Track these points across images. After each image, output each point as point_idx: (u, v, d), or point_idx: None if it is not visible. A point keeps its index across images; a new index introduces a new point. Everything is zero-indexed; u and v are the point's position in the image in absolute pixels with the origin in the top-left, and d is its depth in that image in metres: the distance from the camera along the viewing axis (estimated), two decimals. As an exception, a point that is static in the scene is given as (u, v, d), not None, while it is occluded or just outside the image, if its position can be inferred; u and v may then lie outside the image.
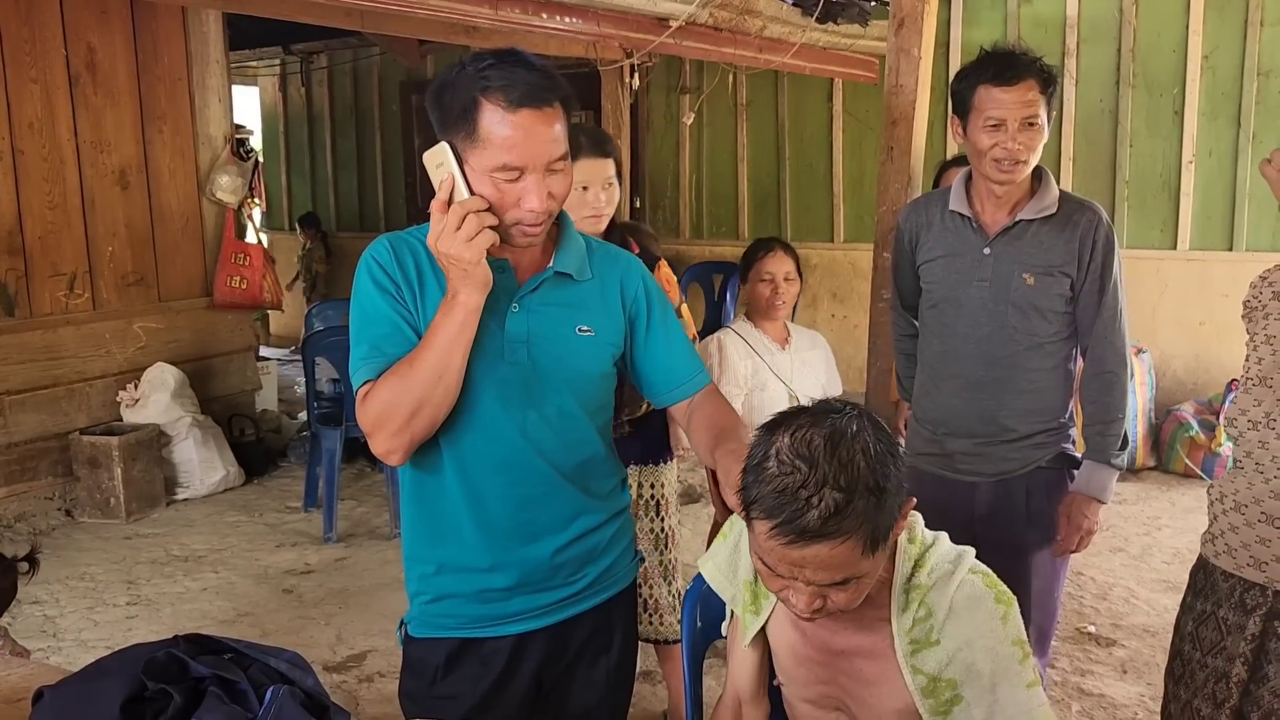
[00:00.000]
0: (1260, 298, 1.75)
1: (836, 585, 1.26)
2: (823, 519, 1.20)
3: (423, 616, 1.66)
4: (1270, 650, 1.70)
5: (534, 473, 1.60)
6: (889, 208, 3.17)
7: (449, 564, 1.63)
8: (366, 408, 1.50)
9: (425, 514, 1.63)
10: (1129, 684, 3.16)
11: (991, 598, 1.39)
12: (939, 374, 2.36)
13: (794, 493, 1.21)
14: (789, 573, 1.26)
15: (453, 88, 1.46)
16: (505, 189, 1.45)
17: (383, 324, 1.53)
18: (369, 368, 1.51)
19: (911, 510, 1.38)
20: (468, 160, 1.45)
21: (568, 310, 1.61)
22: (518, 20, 3.78)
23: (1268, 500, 1.69)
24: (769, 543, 1.24)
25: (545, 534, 1.63)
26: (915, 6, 3.15)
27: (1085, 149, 5.86)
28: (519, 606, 1.63)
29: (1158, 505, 4.86)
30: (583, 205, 2.48)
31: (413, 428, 1.49)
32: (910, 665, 1.38)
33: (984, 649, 1.36)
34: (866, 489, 1.22)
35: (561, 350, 1.59)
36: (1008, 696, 1.35)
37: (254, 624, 3.68)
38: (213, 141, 5.72)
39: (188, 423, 5.15)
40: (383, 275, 1.54)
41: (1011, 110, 2.12)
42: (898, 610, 1.40)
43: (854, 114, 6.71)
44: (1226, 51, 5.44)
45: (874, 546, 1.25)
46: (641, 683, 3.23)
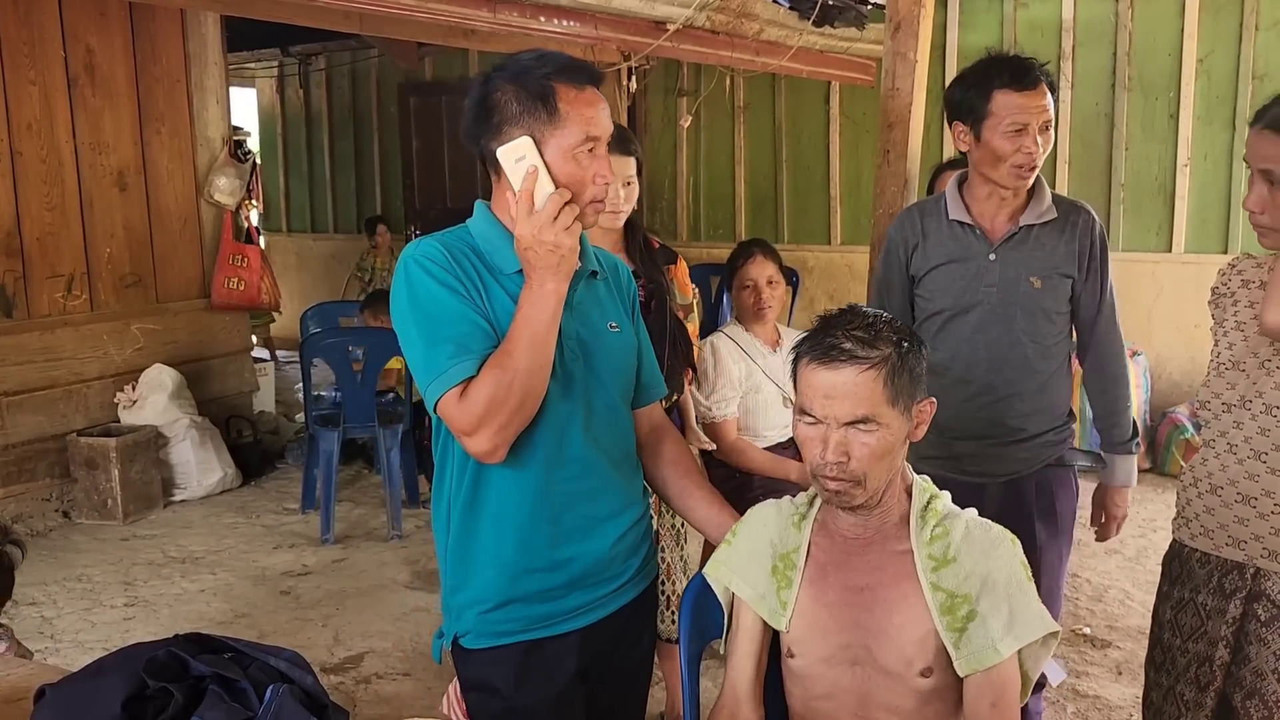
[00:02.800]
0: (1229, 285, 1.79)
1: (860, 427, 1.45)
2: (853, 343, 1.46)
3: (482, 626, 1.63)
4: (1250, 631, 1.73)
5: (594, 466, 1.65)
6: (885, 210, 3.18)
7: (519, 565, 1.61)
8: (468, 406, 1.49)
9: (491, 517, 1.61)
10: (1124, 685, 3.17)
11: (999, 528, 1.56)
12: (946, 380, 2.36)
13: (833, 324, 1.51)
14: (823, 411, 1.46)
15: (511, 84, 1.53)
16: (585, 165, 1.53)
17: (462, 323, 1.52)
18: (464, 365, 1.50)
19: (931, 409, 1.55)
20: (548, 144, 1.51)
21: (599, 308, 1.69)
22: (516, 23, 3.79)
23: (1243, 480, 1.73)
24: (808, 374, 1.48)
25: (603, 526, 1.67)
26: (911, 10, 3.16)
27: (1081, 152, 5.88)
28: (577, 601, 1.65)
29: (1153, 507, 4.88)
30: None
31: (517, 421, 1.51)
32: (930, 582, 1.50)
33: (1000, 564, 1.50)
34: (890, 340, 1.48)
35: (604, 346, 1.67)
36: (1021, 605, 1.48)
37: (251, 625, 3.68)
38: (211, 143, 5.73)
39: (185, 424, 5.15)
40: (446, 275, 1.54)
41: (1034, 115, 2.15)
42: (916, 529, 1.53)
43: (851, 117, 6.73)
44: (1222, 55, 5.46)
45: (895, 397, 1.46)
46: (638, 684, 3.23)
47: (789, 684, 1.63)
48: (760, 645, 1.62)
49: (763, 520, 1.67)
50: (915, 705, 1.51)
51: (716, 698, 1.67)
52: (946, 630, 1.48)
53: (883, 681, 1.52)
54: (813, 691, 1.58)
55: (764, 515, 1.68)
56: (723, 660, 1.67)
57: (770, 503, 1.70)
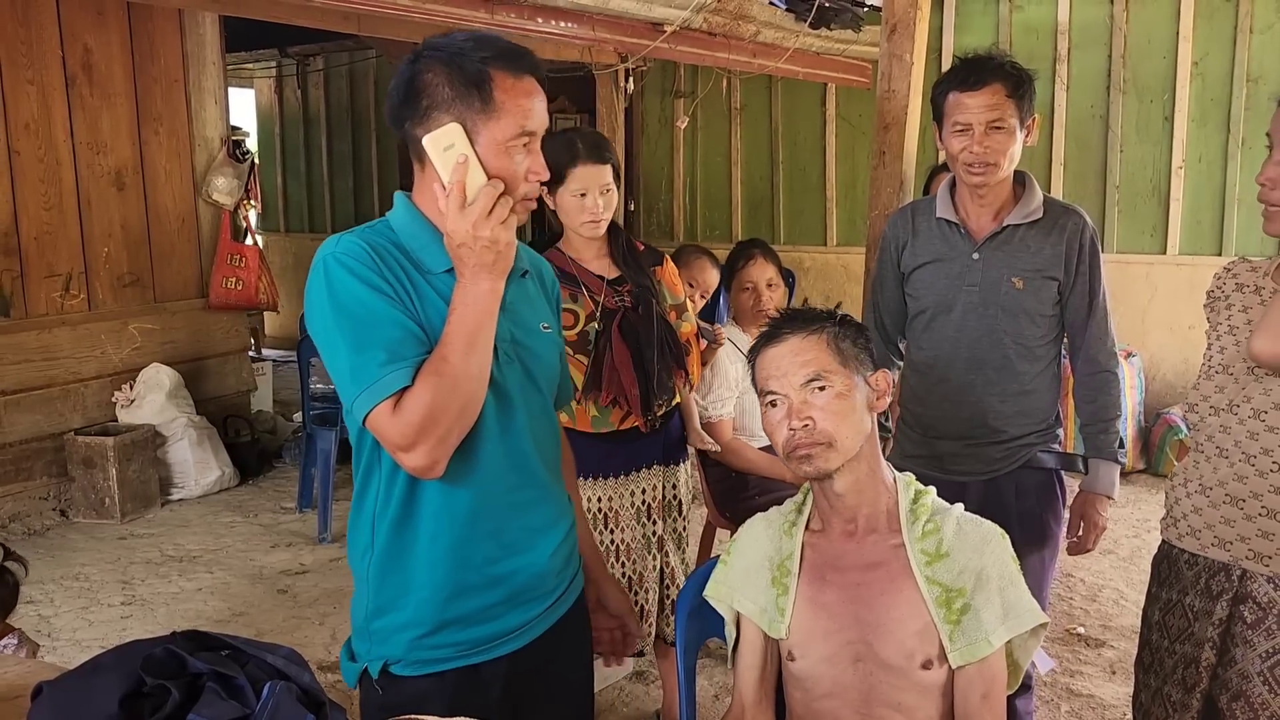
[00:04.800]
0: (1224, 288, 1.80)
1: (815, 387, 1.55)
2: (792, 318, 1.63)
3: (414, 653, 1.51)
4: (1236, 634, 1.74)
5: (534, 476, 1.58)
6: (881, 212, 3.19)
7: (457, 584, 1.50)
8: (404, 418, 1.37)
9: (426, 535, 1.49)
10: (1118, 685, 3.19)
11: (989, 524, 1.60)
12: (928, 379, 2.38)
13: (774, 321, 1.65)
14: (778, 383, 1.57)
15: (442, 68, 1.41)
16: (519, 160, 1.44)
17: (392, 327, 1.39)
18: (398, 374, 1.37)
19: (888, 383, 1.63)
20: (480, 134, 1.41)
21: (530, 307, 1.61)
22: (513, 24, 3.80)
23: (1231, 483, 1.74)
24: (761, 361, 1.61)
25: (543, 537, 1.59)
26: (908, 12, 3.17)
27: (1076, 154, 5.89)
28: (516, 621, 1.56)
29: (1147, 508, 4.89)
30: (580, 211, 2.50)
31: (457, 432, 1.41)
32: (925, 576, 1.53)
33: (992, 559, 1.54)
34: (825, 317, 1.63)
35: (536, 348, 1.58)
36: (1014, 597, 1.52)
37: (249, 624, 3.69)
38: (209, 143, 5.73)
39: (183, 423, 5.16)
40: (370, 274, 1.41)
41: (976, 114, 2.15)
42: (907, 523, 1.58)
43: (847, 118, 6.74)
44: (1216, 58, 5.47)
45: (843, 360, 1.57)
46: (635, 683, 3.25)
47: (790, 688, 1.64)
48: (764, 656, 1.64)
49: (753, 536, 1.69)
50: (917, 700, 1.53)
51: (712, 698, 1.69)
52: (943, 623, 1.50)
53: (884, 677, 1.54)
54: (814, 692, 1.59)
55: (754, 531, 1.70)
56: (718, 660, 1.70)
57: (758, 517, 1.72)
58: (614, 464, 2.65)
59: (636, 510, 2.69)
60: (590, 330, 2.53)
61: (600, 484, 2.66)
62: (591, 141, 2.52)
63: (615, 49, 4.86)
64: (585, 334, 2.53)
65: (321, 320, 1.42)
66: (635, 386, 2.54)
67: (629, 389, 2.53)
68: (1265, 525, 1.70)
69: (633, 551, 2.69)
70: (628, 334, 2.54)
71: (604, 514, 2.67)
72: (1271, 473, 1.69)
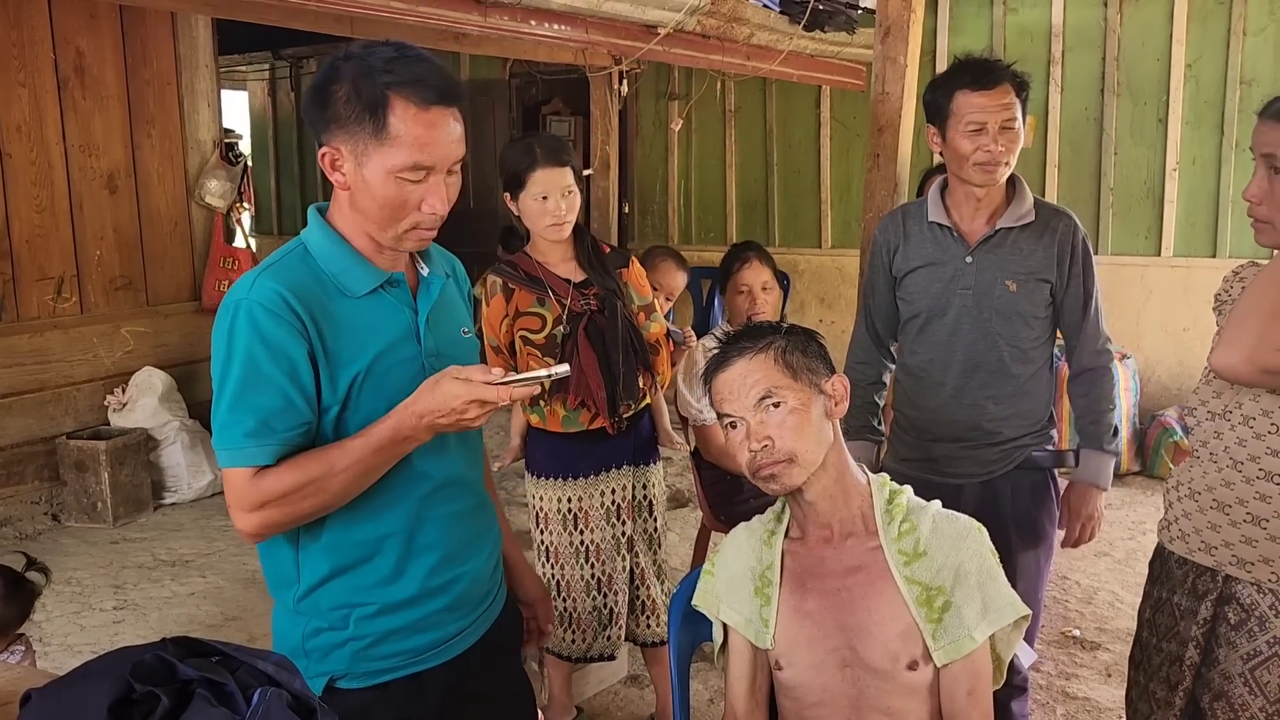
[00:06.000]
0: (1231, 292, 1.80)
1: (769, 405, 1.54)
2: (738, 344, 1.61)
3: (359, 665, 1.50)
4: (1220, 634, 1.75)
5: (469, 485, 1.61)
6: (875, 214, 3.19)
7: (402, 596, 1.50)
8: (257, 491, 1.37)
9: (368, 550, 1.48)
10: (1113, 687, 3.18)
11: (965, 518, 1.59)
12: (925, 383, 2.38)
13: (725, 342, 1.64)
14: (733, 406, 1.57)
15: (349, 81, 1.37)
16: (409, 191, 1.39)
17: (272, 394, 1.37)
18: (260, 451, 1.37)
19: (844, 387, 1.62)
20: (370, 158, 1.38)
21: (451, 314, 1.60)
22: (506, 27, 3.79)
23: (1219, 488, 1.75)
24: (715, 386, 1.60)
25: (480, 543, 1.62)
26: (901, 15, 3.17)
27: (1070, 156, 5.90)
28: (457, 626, 1.57)
29: (1143, 510, 4.90)
30: (543, 214, 2.52)
31: (297, 524, 1.43)
32: (904, 576, 1.53)
33: (970, 553, 1.54)
34: (774, 331, 1.62)
35: (458, 356, 1.56)
36: (993, 592, 1.53)
37: (241, 629, 3.68)
38: (202, 146, 5.72)
39: (176, 427, 5.14)
40: (275, 329, 1.37)
41: (992, 114, 2.17)
42: (883, 523, 1.57)
43: (841, 121, 6.75)
44: (1209, 60, 5.49)
45: (794, 373, 1.56)
46: (629, 687, 3.24)
47: (780, 697, 1.64)
48: (753, 666, 1.64)
49: (736, 547, 1.69)
50: (905, 703, 1.53)
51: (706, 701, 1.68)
52: (925, 622, 1.50)
53: (872, 681, 1.53)
54: (804, 701, 1.59)
55: (736, 542, 1.70)
56: (711, 663, 1.69)
57: (740, 527, 1.72)
58: (584, 464, 2.67)
59: (606, 510, 2.70)
60: (557, 333, 2.55)
61: (570, 484, 2.67)
62: (550, 145, 2.56)
63: (609, 51, 4.86)
64: (553, 337, 2.55)
65: (215, 363, 1.43)
66: (602, 389, 2.56)
67: (596, 391, 2.55)
68: (1249, 532, 1.71)
69: (602, 552, 2.70)
70: (594, 337, 2.56)
71: (574, 514, 2.68)
72: (1258, 480, 1.70)
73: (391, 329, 1.49)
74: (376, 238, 1.47)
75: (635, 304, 2.70)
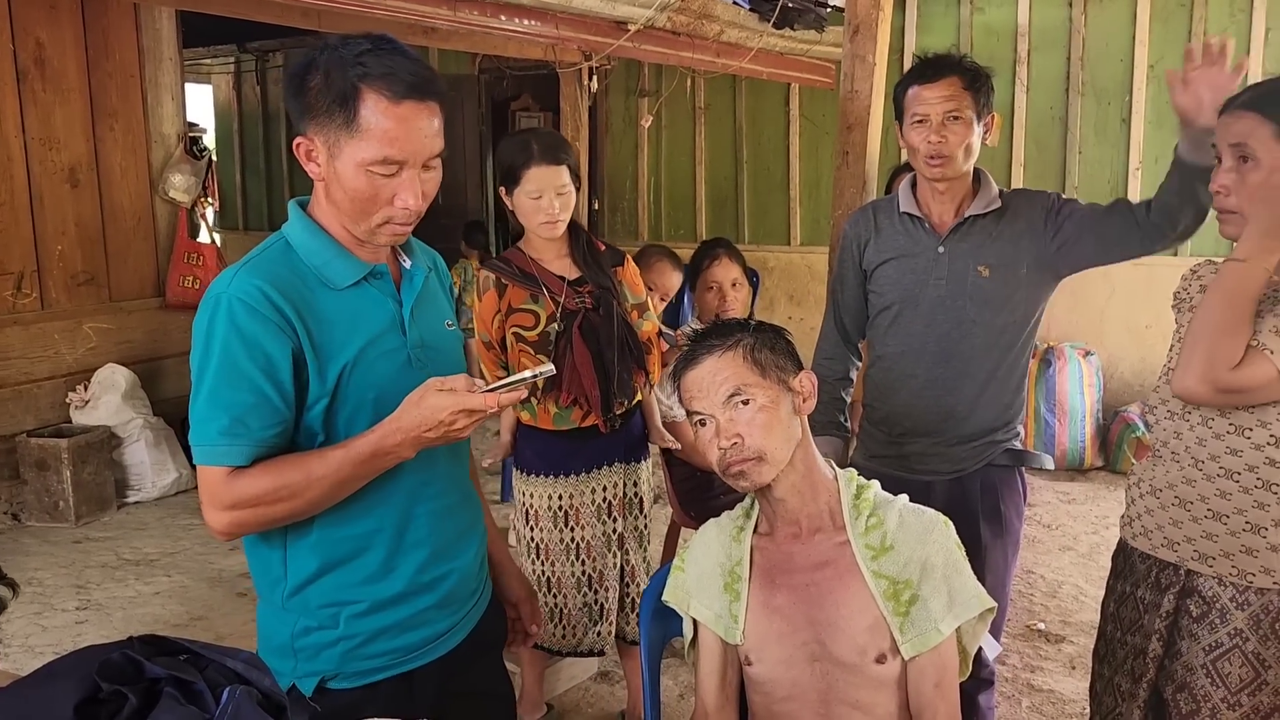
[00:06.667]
0: (1189, 290, 1.83)
1: (737, 403, 1.55)
2: (707, 342, 1.61)
3: (349, 665, 1.49)
4: (1183, 627, 1.78)
5: (455, 481, 1.60)
6: (844, 212, 3.20)
7: (392, 593, 1.50)
8: (230, 492, 1.36)
9: (355, 548, 1.48)
10: (1077, 680, 3.23)
11: (931, 512, 1.61)
12: (896, 375, 2.40)
13: (693, 340, 1.64)
14: (703, 403, 1.57)
15: (323, 72, 1.37)
16: (380, 184, 1.38)
17: (247, 392, 1.36)
18: (233, 451, 1.36)
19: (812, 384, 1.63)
20: (342, 150, 1.37)
21: (434, 306, 1.60)
22: (476, 22, 3.77)
23: (1180, 485, 1.77)
24: (684, 383, 1.60)
25: (468, 539, 1.62)
26: (870, 13, 3.19)
27: (1036, 155, 5.97)
28: (446, 624, 1.57)
29: (1105, 505, 4.97)
30: (536, 212, 2.50)
31: (270, 525, 1.42)
32: (872, 571, 1.54)
33: (936, 547, 1.55)
34: (742, 328, 1.62)
35: (444, 345, 1.57)
36: (959, 585, 1.54)
37: (207, 628, 3.64)
38: (165, 139, 5.65)
39: (139, 424, 5.08)
40: (255, 325, 1.36)
41: (934, 105, 2.20)
42: (850, 518, 1.58)
43: (810, 118, 6.78)
44: (1172, 61, 5.56)
45: (762, 370, 1.57)
46: (600, 683, 3.24)
47: (750, 692, 1.65)
48: (723, 661, 1.65)
49: (705, 543, 1.70)
50: (874, 695, 1.54)
51: (676, 697, 1.68)
52: (892, 615, 1.52)
53: (841, 675, 1.55)
54: (774, 695, 1.60)
55: (706, 538, 1.71)
56: (682, 658, 1.70)
57: (710, 523, 1.73)
58: (575, 462, 2.66)
59: (597, 508, 2.69)
60: (551, 331, 2.54)
61: (561, 481, 2.66)
62: (547, 143, 2.53)
63: (579, 47, 4.85)
64: (546, 334, 2.54)
65: (194, 356, 1.41)
66: (596, 387, 2.55)
67: (589, 390, 2.54)
68: (1210, 528, 1.73)
69: (593, 549, 2.70)
70: (588, 335, 2.55)
71: (565, 511, 2.67)
72: (1218, 477, 1.72)
73: (376, 320, 1.48)
74: (351, 230, 1.46)
75: (629, 302, 2.69)
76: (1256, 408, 1.67)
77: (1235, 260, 1.63)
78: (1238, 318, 1.61)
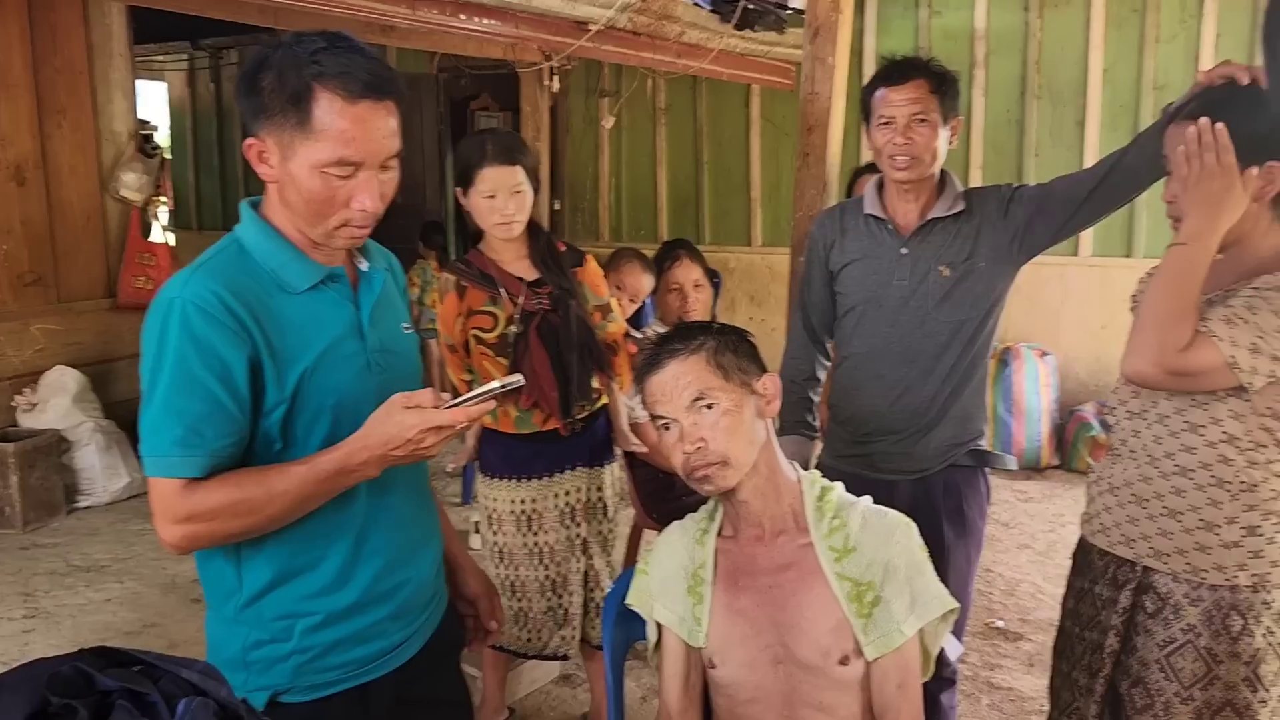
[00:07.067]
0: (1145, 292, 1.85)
1: (701, 407, 1.54)
2: (670, 346, 1.59)
3: (304, 678, 1.45)
4: (1139, 623, 1.80)
5: (413, 489, 1.57)
6: (806, 213, 3.21)
7: (340, 606, 1.45)
8: (185, 504, 1.32)
9: (311, 555, 1.43)
10: (1036, 677, 3.26)
11: (894, 514, 1.61)
12: (861, 374, 2.41)
13: (657, 344, 1.62)
14: (666, 408, 1.56)
15: (276, 71, 1.32)
16: (336, 186, 1.34)
17: (202, 400, 1.32)
18: (189, 460, 1.32)
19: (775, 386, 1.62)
20: (296, 152, 1.33)
21: (391, 309, 1.57)
22: (436, 21, 3.74)
23: (1137, 483, 1.80)
24: (648, 388, 1.59)
25: (425, 548, 1.59)
26: (830, 15, 3.20)
27: (993, 157, 6.04)
28: (402, 634, 1.54)
29: (1062, 503, 5.03)
30: (491, 212, 2.49)
31: (224, 541, 1.38)
32: (835, 572, 1.54)
33: (899, 548, 1.55)
34: (705, 331, 1.61)
35: (402, 349, 1.55)
36: (921, 586, 1.55)
37: (160, 635, 3.57)
38: (117, 137, 5.54)
39: (90, 428, 4.97)
40: (209, 330, 1.32)
41: (900, 107, 2.21)
42: (814, 520, 1.58)
43: (770, 119, 6.80)
44: (1124, 66, 5.66)
45: (726, 374, 1.56)
46: (561, 686, 3.22)
47: (714, 695, 1.65)
48: (686, 664, 1.64)
49: (669, 545, 1.69)
50: (837, 697, 1.54)
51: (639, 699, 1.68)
52: (855, 617, 1.52)
53: (804, 677, 1.55)
54: (738, 698, 1.60)
55: (670, 540, 1.70)
56: (644, 661, 1.69)
57: (674, 525, 1.72)
58: (538, 465, 2.63)
59: (560, 512, 2.67)
60: (509, 333, 2.52)
61: (524, 485, 2.64)
62: (502, 143, 2.52)
63: (540, 47, 4.83)
64: (505, 336, 2.52)
65: (145, 364, 1.36)
66: (554, 389, 2.53)
67: (548, 392, 2.52)
68: (1165, 525, 1.76)
69: (556, 554, 2.67)
70: (547, 337, 2.53)
71: (527, 516, 2.65)
72: (1173, 475, 1.75)
73: (335, 325, 1.45)
74: (307, 233, 1.43)
75: (590, 303, 2.67)
76: (1209, 405, 1.69)
77: (1178, 244, 1.67)
78: (1184, 300, 1.64)
